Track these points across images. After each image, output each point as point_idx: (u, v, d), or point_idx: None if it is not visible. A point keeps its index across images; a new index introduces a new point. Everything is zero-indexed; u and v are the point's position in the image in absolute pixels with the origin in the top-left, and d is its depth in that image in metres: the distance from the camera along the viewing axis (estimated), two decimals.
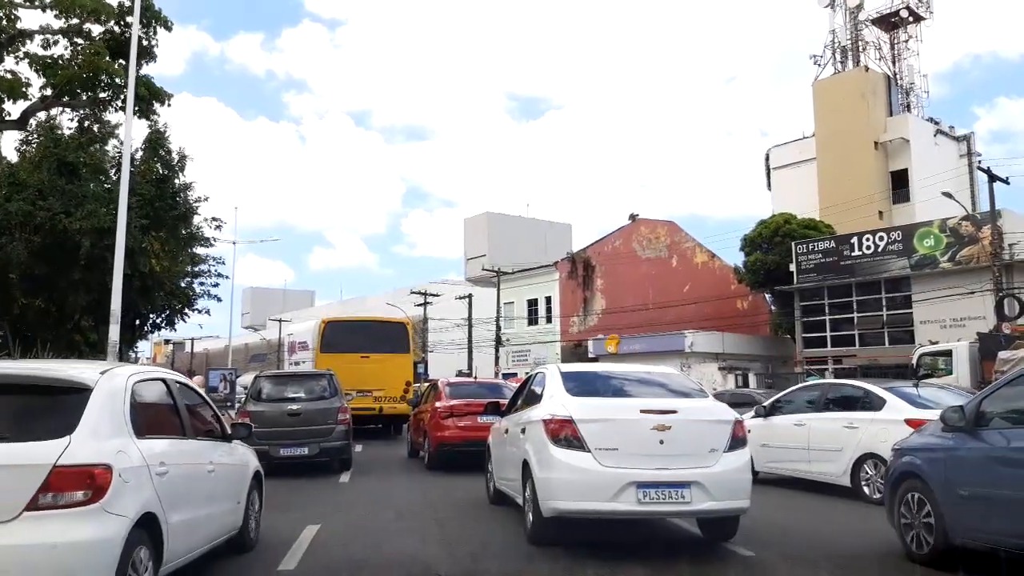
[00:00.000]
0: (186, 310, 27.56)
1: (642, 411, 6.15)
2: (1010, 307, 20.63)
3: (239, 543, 6.14)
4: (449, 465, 11.86)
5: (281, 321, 59.36)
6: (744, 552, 6.39)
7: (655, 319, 42.01)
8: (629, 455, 5.98)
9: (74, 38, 15.79)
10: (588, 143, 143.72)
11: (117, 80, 15.27)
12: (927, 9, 52.06)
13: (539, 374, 7.71)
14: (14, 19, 15.43)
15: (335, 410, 12.27)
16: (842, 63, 51.74)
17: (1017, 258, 29.83)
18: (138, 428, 4.42)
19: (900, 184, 47.00)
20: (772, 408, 10.48)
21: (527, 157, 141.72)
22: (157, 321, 26.80)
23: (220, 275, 29.00)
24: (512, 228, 57.43)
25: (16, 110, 17.03)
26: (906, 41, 52.50)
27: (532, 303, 46.36)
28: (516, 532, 7.05)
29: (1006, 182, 25.60)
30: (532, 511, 6.49)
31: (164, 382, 5.29)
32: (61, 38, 15.67)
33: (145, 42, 15.53)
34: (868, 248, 34.95)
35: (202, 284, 28.47)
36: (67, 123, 19.06)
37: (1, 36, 15.31)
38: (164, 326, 27.56)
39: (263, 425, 10.84)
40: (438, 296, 46.51)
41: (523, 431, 6.96)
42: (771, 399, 10.94)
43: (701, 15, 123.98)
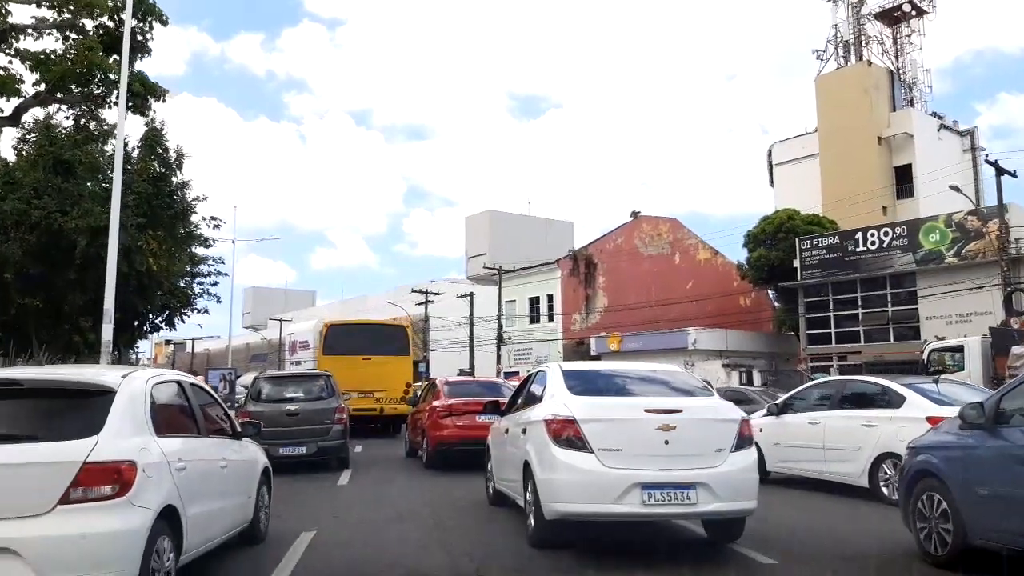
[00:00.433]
0: (185, 310, 27.40)
1: (646, 410, 6.00)
2: (1018, 302, 20.36)
3: (250, 535, 6.45)
4: (448, 464, 11.74)
5: (282, 321, 59.20)
6: (757, 556, 6.16)
7: (657, 317, 41.76)
8: (633, 456, 5.84)
9: (67, 33, 15.57)
10: (589, 141, 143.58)
11: (111, 75, 15.04)
12: (930, 3, 51.72)
13: (540, 373, 7.54)
14: (5, 13, 15.22)
15: (332, 410, 12.48)
16: (845, 58, 51.44)
17: None
18: (158, 427, 4.72)
19: (904, 179, 46.66)
20: (785, 406, 10.16)
21: (528, 156, 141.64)
22: (156, 321, 26.64)
23: (219, 274, 28.87)
24: (513, 226, 57.20)
25: (9, 107, 16.86)
26: (909, 35, 52.17)
27: (534, 301, 46.12)
28: (518, 534, 6.85)
29: (1013, 175, 25.33)
30: (534, 513, 6.34)
31: (179, 384, 5.59)
32: (54, 32, 15.44)
33: (140, 37, 15.33)
34: (873, 244, 34.68)
35: (201, 284, 28.34)
36: (63, 121, 18.91)
37: None
38: (163, 326, 27.41)
39: (263, 425, 10.87)
40: (439, 295, 46.31)
41: (524, 431, 6.81)
42: (784, 396, 10.62)
43: (702, 13, 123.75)
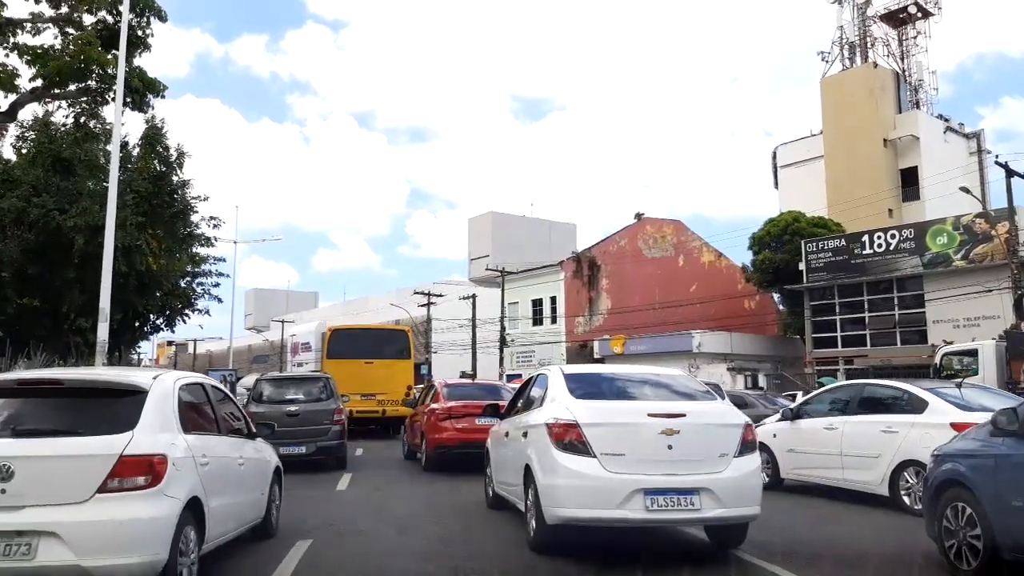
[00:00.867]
0: (186, 310, 27.16)
1: (649, 415, 5.91)
2: None
3: (263, 530, 6.78)
4: (448, 467, 11.67)
5: (284, 322, 59.00)
6: (770, 567, 5.90)
7: (661, 319, 41.48)
8: (636, 460, 5.75)
9: (65, 27, 15.34)
10: (592, 144, 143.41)
11: (109, 71, 14.79)
12: (935, 5, 51.43)
13: (541, 376, 7.41)
14: (1, 6, 14.98)
15: (331, 411, 12.87)
16: (850, 59, 51.14)
17: None
18: (184, 424, 5.09)
19: (909, 182, 46.37)
20: (800, 410, 9.84)
21: (531, 158, 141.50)
22: (157, 322, 26.40)
23: (221, 274, 28.61)
24: (516, 228, 56.97)
25: (5, 103, 16.66)
26: (915, 37, 51.86)
27: (537, 303, 45.84)
28: (520, 541, 6.64)
29: (1023, 177, 25.01)
30: (535, 517, 6.21)
31: (202, 385, 5.97)
32: (51, 27, 15.21)
33: (139, 32, 15.10)
34: (879, 246, 34.37)
35: (202, 284, 28.09)
36: (63, 119, 18.71)
37: None
38: (164, 327, 27.17)
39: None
40: (442, 296, 46.03)
41: (525, 435, 6.68)
42: (799, 400, 10.30)
43: (705, 16, 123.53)
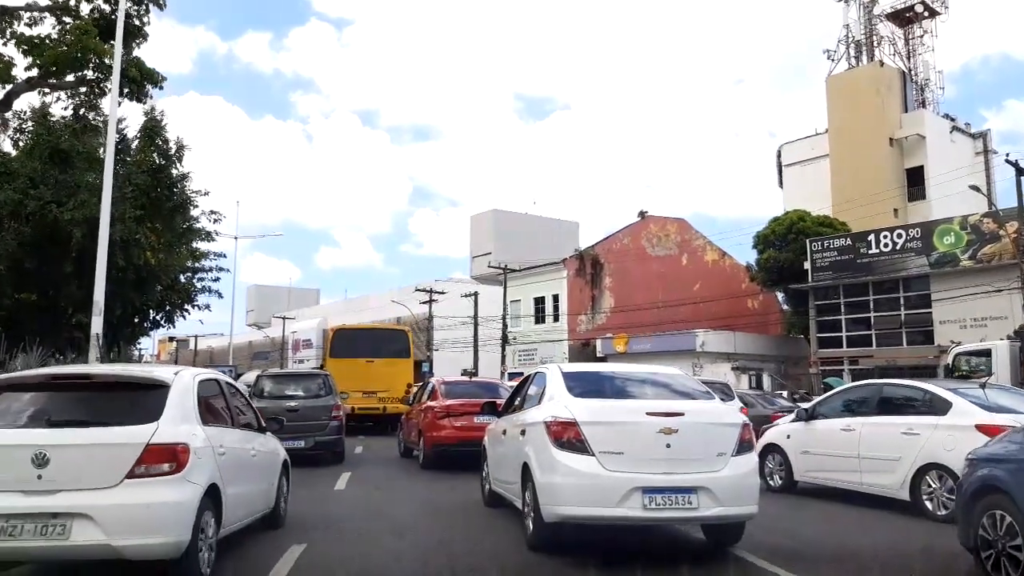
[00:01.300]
0: (186, 306, 26.86)
1: (648, 413, 5.92)
2: None
3: (272, 519, 7.04)
4: (445, 465, 11.64)
5: (285, 319, 58.75)
6: (773, 569, 5.67)
7: (664, 318, 41.20)
8: (634, 459, 5.75)
9: (62, 16, 15.04)
10: (595, 143, 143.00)
11: (106, 60, 14.50)
12: (942, 4, 51.06)
13: (539, 374, 7.41)
14: None
15: (329, 407, 13.18)
16: (856, 58, 50.82)
17: None
18: (202, 417, 5.38)
19: (915, 182, 46.05)
20: (815, 411, 9.51)
21: (534, 158, 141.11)
22: (156, 317, 26.11)
23: (221, 270, 28.32)
24: (519, 225, 56.66)
25: (1, 93, 16.35)
26: (921, 36, 51.54)
27: (539, 301, 45.55)
28: (518, 539, 6.52)
29: None
30: (532, 516, 6.22)
31: (216, 381, 6.27)
32: (48, 16, 14.90)
33: (137, 21, 14.81)
34: (885, 246, 34.06)
35: (202, 279, 27.80)
36: (61, 111, 18.46)
37: None
38: (164, 322, 26.90)
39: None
40: (443, 294, 45.72)
41: (523, 433, 6.68)
42: (814, 400, 9.98)
43: (710, 16, 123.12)
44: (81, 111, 18.49)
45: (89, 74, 15.66)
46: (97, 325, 12.20)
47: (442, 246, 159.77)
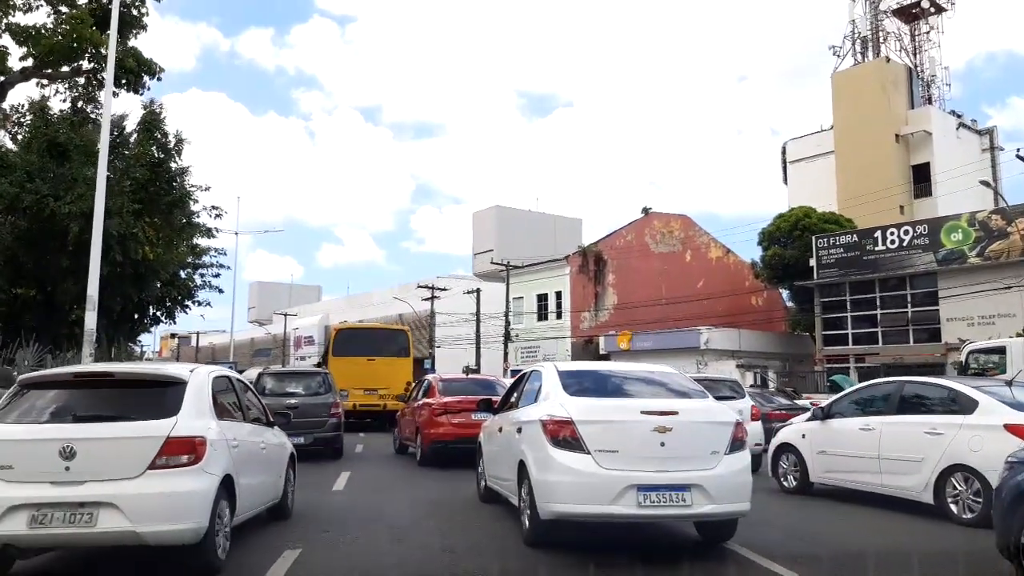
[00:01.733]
0: (186, 302, 26.56)
1: (643, 412, 5.98)
2: None
3: (280, 510, 7.33)
4: (443, 462, 11.66)
5: (286, 315, 58.48)
6: (777, 569, 5.47)
7: (668, 315, 40.91)
8: (629, 457, 5.83)
9: (58, 6, 14.76)
10: (598, 140, 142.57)
11: (103, 51, 14.24)
12: (948, 0, 50.66)
13: (535, 372, 7.45)
14: None
15: (328, 404, 13.45)
16: (862, 54, 50.40)
17: None
18: (217, 412, 5.69)
19: (921, 178, 45.68)
20: (831, 409, 9.19)
21: (537, 155, 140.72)
22: (156, 313, 25.83)
23: (221, 266, 28.05)
24: (521, 222, 56.31)
25: None
26: (927, 32, 51.10)
27: (542, 298, 45.26)
28: (517, 539, 6.34)
29: None
30: (529, 513, 6.28)
31: (228, 378, 6.59)
32: (43, 5, 14.62)
33: (134, 11, 14.53)
34: (892, 242, 33.73)
35: (203, 275, 27.54)
36: (59, 104, 18.23)
37: None
38: (164, 318, 26.63)
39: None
40: (446, 291, 45.46)
41: (519, 430, 6.75)
42: (831, 399, 9.65)
43: (713, 14, 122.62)
44: (79, 104, 18.26)
45: (85, 64, 15.40)
46: (91, 320, 11.94)
47: (444, 243, 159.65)
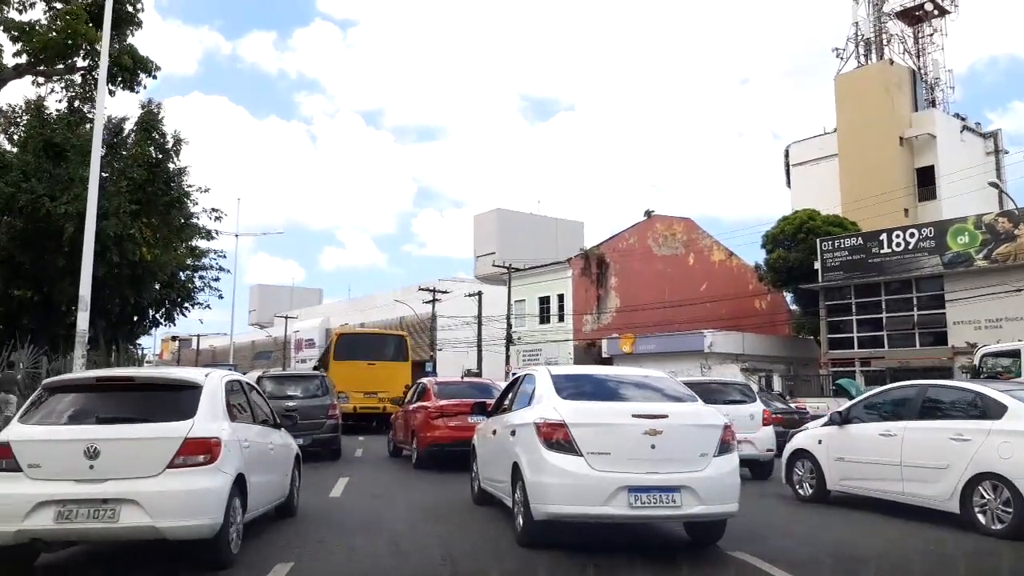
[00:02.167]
0: (186, 304, 26.26)
1: (634, 415, 6.10)
2: None
3: (286, 508, 7.58)
4: (439, 465, 11.66)
5: (287, 318, 58.23)
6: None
7: (670, 318, 40.63)
8: (621, 459, 5.95)
9: (52, 2, 14.50)
10: (600, 143, 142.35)
11: (98, 47, 14.00)
12: (952, 2, 50.42)
13: (528, 375, 7.58)
14: None
15: (326, 407, 13.84)
16: (865, 56, 50.15)
17: None
18: (229, 414, 6.00)
19: (925, 181, 45.40)
20: (850, 414, 8.86)
21: (539, 158, 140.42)
22: (156, 315, 25.54)
23: (221, 268, 27.76)
24: (522, 225, 55.99)
25: None
26: (931, 35, 50.86)
27: (544, 301, 44.98)
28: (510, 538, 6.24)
29: None
30: (522, 514, 6.38)
31: (239, 382, 6.93)
32: (39, 1, 14.38)
33: (129, 7, 14.26)
34: (898, 245, 33.45)
35: (203, 278, 27.25)
36: (56, 103, 17.99)
37: None
38: (163, 321, 26.34)
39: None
40: (447, 293, 45.17)
41: (513, 433, 6.85)
42: (849, 403, 9.33)
43: (715, 16, 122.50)
44: (76, 104, 18.02)
45: (80, 62, 15.15)
46: (83, 321, 11.67)
47: (446, 247, 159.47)
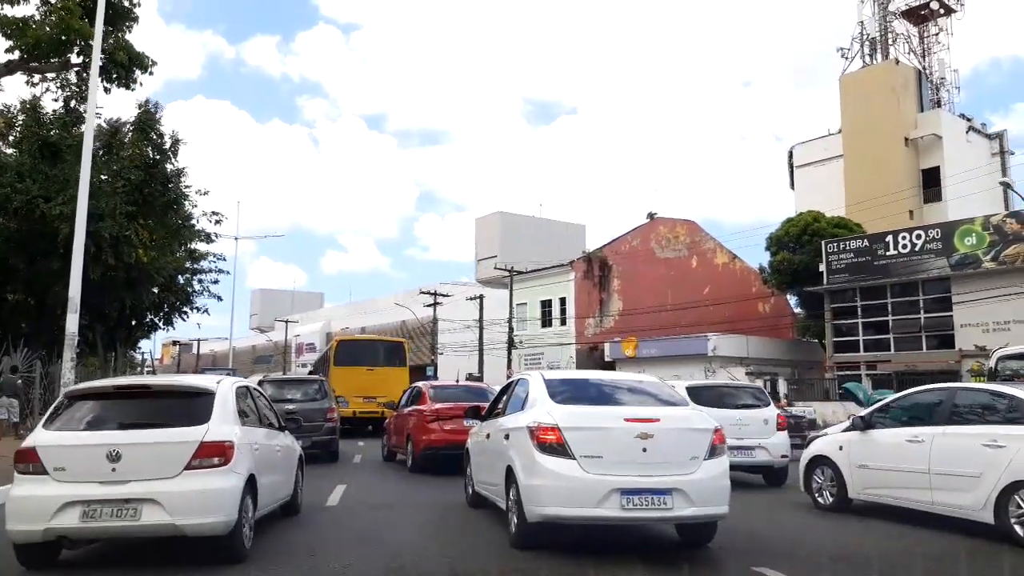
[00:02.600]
0: (184, 308, 25.93)
1: (626, 419, 6.21)
2: None
3: (291, 506, 8.02)
4: (434, 468, 11.78)
5: (288, 322, 57.92)
6: None
7: (673, 321, 40.28)
8: (613, 462, 6.07)
9: None
10: (602, 147, 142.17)
11: (91, 43, 13.71)
12: (958, 2, 50.10)
13: (522, 380, 7.68)
14: None
15: (325, 410, 14.27)
16: (871, 56, 49.81)
17: None
18: (240, 418, 6.35)
19: (931, 182, 45.01)
20: (872, 419, 8.48)
21: (541, 161, 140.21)
22: (154, 319, 25.22)
23: (220, 271, 27.45)
24: (524, 228, 55.66)
25: None
26: (936, 35, 50.55)
27: (546, 304, 44.64)
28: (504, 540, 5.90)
29: None
30: (516, 516, 6.49)
31: (248, 388, 7.32)
32: None
33: (126, 3, 13.98)
34: (904, 247, 33.06)
35: (202, 281, 26.94)
36: (51, 103, 17.72)
37: None
38: (162, 325, 26.01)
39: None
40: (448, 296, 44.82)
41: (507, 437, 6.96)
42: (871, 407, 8.95)
43: (717, 19, 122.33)
44: (72, 103, 17.74)
45: (74, 58, 14.84)
46: (72, 323, 11.38)
47: (448, 251, 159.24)
